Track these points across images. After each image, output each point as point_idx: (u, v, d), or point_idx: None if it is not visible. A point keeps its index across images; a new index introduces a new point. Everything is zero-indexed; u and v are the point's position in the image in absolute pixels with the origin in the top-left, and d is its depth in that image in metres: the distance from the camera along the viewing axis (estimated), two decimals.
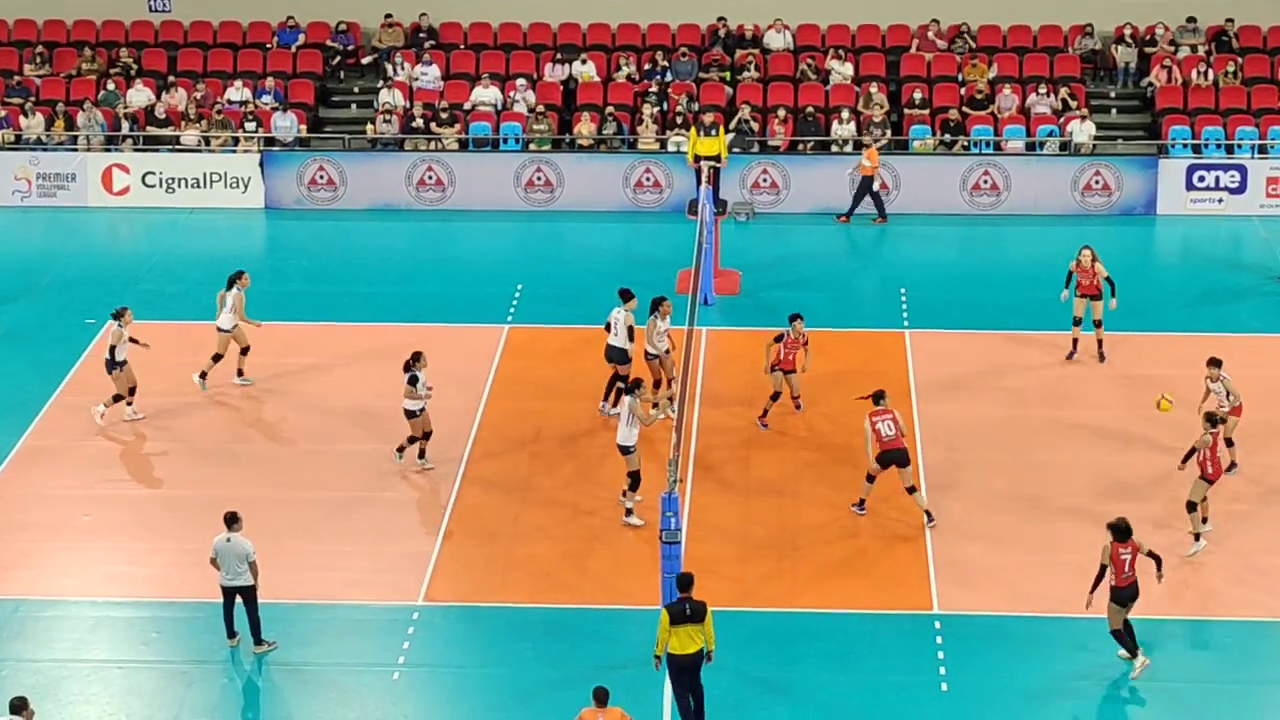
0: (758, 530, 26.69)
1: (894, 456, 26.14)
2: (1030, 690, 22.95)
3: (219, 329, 30.60)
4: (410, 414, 27.84)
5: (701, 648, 21.55)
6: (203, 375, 30.57)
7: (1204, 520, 25.91)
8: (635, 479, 26.57)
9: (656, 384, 29.25)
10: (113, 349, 29.57)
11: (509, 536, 26.61)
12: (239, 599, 23.61)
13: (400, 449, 28.22)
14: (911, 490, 26.40)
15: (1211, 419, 25.75)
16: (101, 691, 23.16)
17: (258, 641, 23.74)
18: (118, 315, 29.78)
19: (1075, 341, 31.78)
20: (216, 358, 30.62)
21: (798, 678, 23.27)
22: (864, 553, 26.12)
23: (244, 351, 30.80)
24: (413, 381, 27.55)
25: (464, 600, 25.09)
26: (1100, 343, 31.63)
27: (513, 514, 27.19)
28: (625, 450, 26.44)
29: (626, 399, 26.56)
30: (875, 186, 38.77)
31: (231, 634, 23.81)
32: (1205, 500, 25.93)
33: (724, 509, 27.21)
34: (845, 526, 26.68)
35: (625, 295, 29.56)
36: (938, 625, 24.37)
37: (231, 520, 23.51)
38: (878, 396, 26.70)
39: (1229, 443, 27.59)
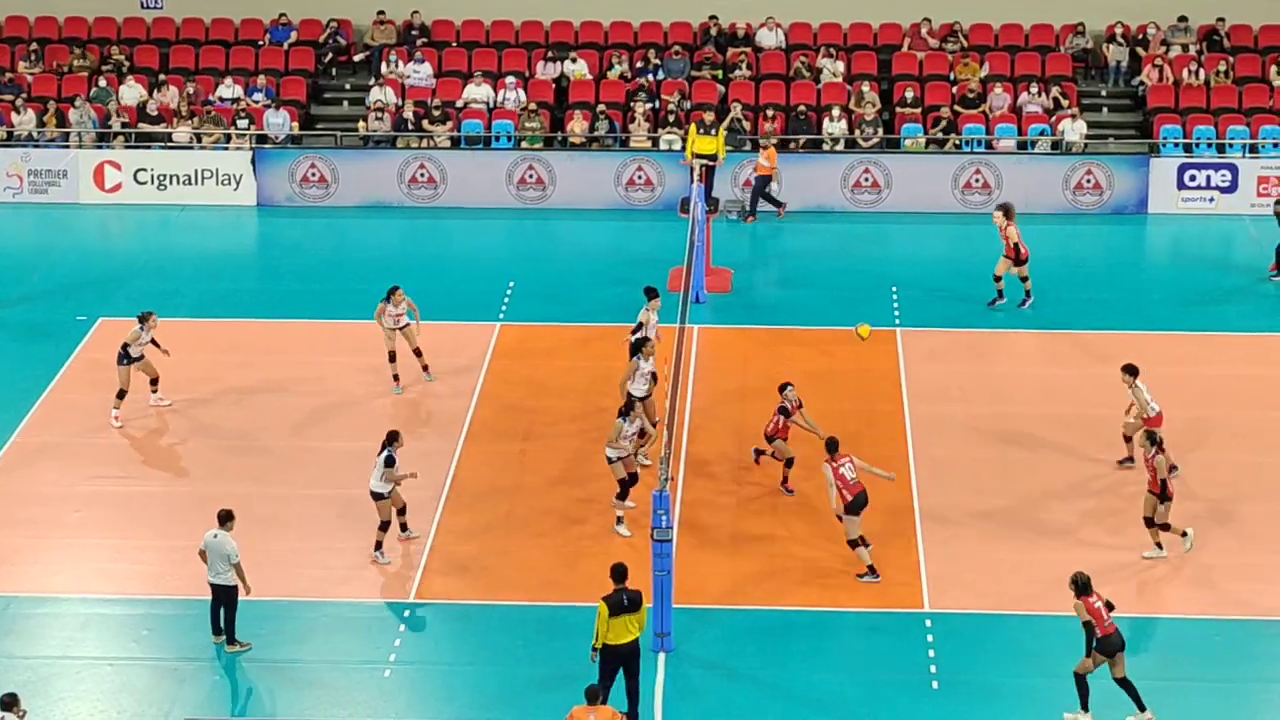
0: (749, 528, 26.70)
1: (863, 500, 25.12)
2: (1021, 689, 22.97)
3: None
4: (378, 496, 25.34)
5: (637, 638, 21.71)
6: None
7: (1183, 532, 25.69)
8: (622, 487, 26.45)
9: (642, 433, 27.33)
10: (126, 346, 29.49)
11: (500, 534, 26.62)
12: (222, 596, 23.64)
13: (378, 545, 25.63)
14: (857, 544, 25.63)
15: (1152, 437, 25.35)
16: (93, 688, 23.16)
17: (230, 641, 23.71)
18: (143, 319, 29.65)
19: (1000, 292, 33.29)
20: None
21: (788, 676, 23.27)
22: (854, 551, 26.09)
23: (153, 382, 30.17)
24: (389, 463, 25.28)
25: (455, 598, 25.09)
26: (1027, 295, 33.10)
27: (504, 512, 27.20)
28: (609, 461, 26.35)
29: (617, 420, 26.28)
30: (771, 187, 38.72)
31: (217, 631, 23.82)
32: (1157, 513, 25.61)
33: (715, 506, 27.22)
34: (836, 525, 26.66)
35: (650, 293, 29.48)
36: (928, 624, 24.39)
37: (225, 518, 23.51)
38: (832, 445, 25.28)
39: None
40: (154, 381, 29.96)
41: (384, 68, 42.65)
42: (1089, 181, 39.54)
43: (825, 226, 39.04)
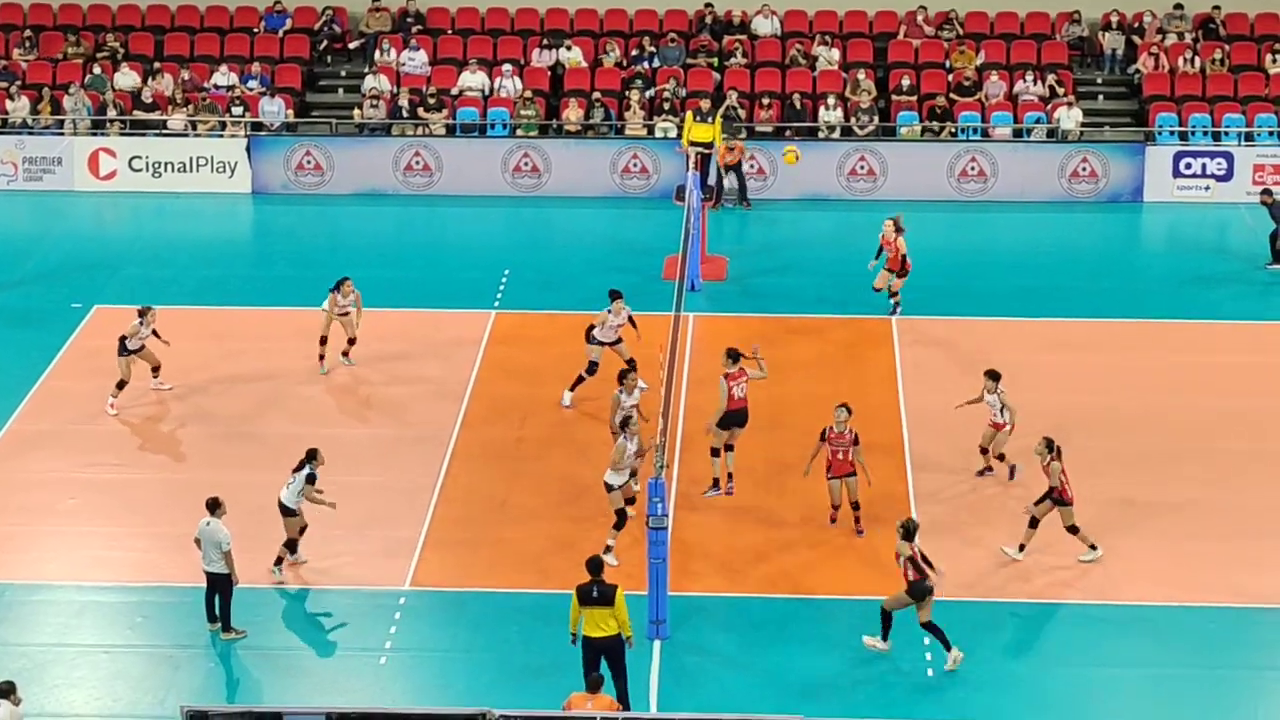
0: (745, 515, 26.69)
1: (740, 418, 26.76)
2: (1016, 673, 22.99)
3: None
4: (287, 512, 24.88)
5: (617, 633, 21.55)
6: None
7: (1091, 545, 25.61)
8: (620, 517, 25.54)
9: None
10: (124, 339, 29.46)
11: (496, 521, 26.62)
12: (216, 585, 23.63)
13: (279, 561, 25.12)
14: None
15: (1049, 444, 25.10)
16: (88, 675, 23.16)
17: (225, 629, 23.70)
18: (142, 313, 29.59)
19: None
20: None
21: (783, 662, 23.27)
22: (850, 538, 26.12)
23: (155, 370, 30.20)
24: (310, 479, 24.80)
25: (451, 585, 25.10)
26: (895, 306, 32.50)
27: (500, 499, 27.20)
28: (608, 488, 25.56)
29: (617, 439, 25.70)
30: (716, 176, 38.74)
31: (212, 619, 23.79)
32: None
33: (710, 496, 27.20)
34: (837, 515, 26.70)
35: (614, 295, 29.62)
36: None
37: (213, 506, 23.51)
38: (732, 355, 26.84)
39: (1000, 457, 27.53)
40: (155, 369, 29.94)
41: (379, 55, 42.60)
42: (1084, 169, 39.52)
43: (821, 214, 39.02)
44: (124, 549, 26.00)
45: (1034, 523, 25.30)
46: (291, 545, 25.24)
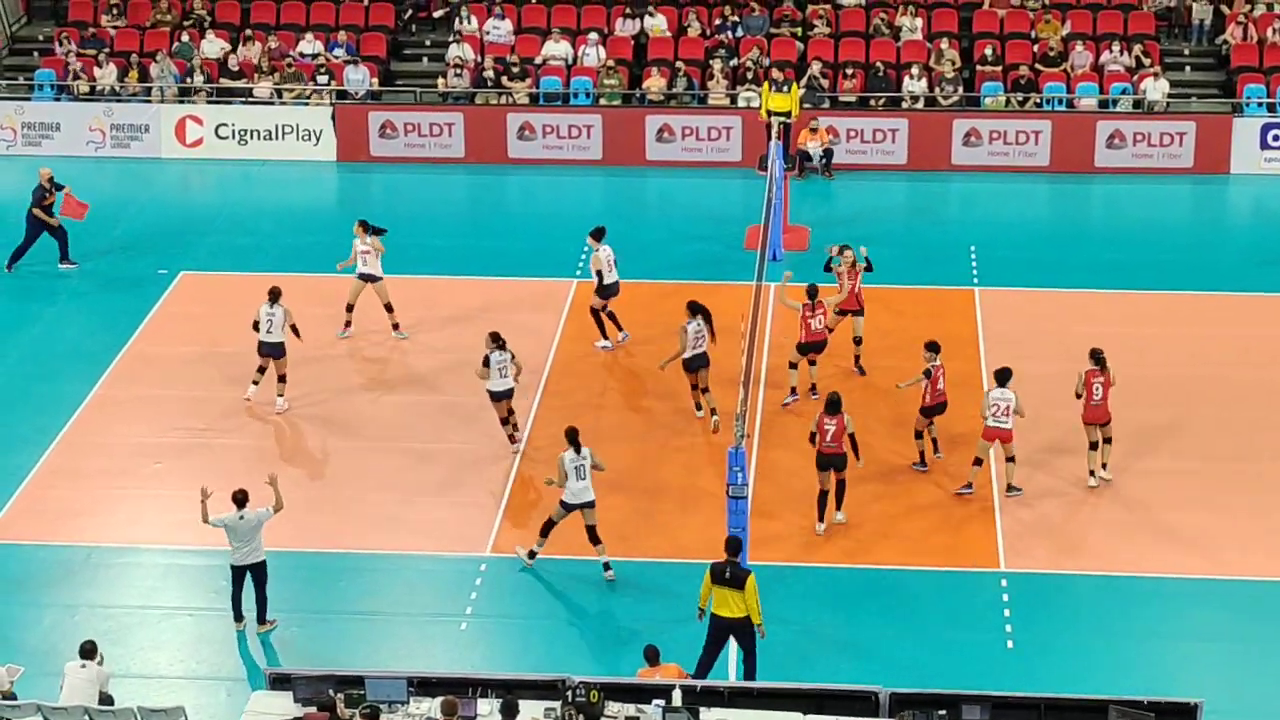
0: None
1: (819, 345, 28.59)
2: (1096, 648, 22.95)
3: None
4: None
5: (744, 616, 21.51)
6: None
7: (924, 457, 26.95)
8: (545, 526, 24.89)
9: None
10: (256, 323, 28.71)
11: None
12: (249, 577, 23.15)
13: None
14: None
15: (933, 346, 26.73)
16: (173, 638, 23.44)
17: (262, 620, 23.36)
18: (275, 297, 28.76)
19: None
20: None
21: (862, 634, 23.33)
22: (929, 509, 26.12)
23: (388, 308, 30.84)
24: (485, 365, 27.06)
25: None
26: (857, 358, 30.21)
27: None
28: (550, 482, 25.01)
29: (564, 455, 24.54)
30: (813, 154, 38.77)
31: (239, 616, 23.41)
32: (926, 433, 26.96)
33: (790, 464, 27.22)
34: (910, 483, 26.69)
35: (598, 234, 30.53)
36: (1003, 583, 24.38)
37: (241, 501, 22.81)
38: (812, 292, 28.52)
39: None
40: (262, 369, 29.07)
41: (463, 24, 42.67)
42: (1170, 141, 39.19)
43: (900, 184, 38.87)
44: None
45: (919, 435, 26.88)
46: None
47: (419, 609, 24.11)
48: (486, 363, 27.11)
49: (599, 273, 30.40)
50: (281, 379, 28.87)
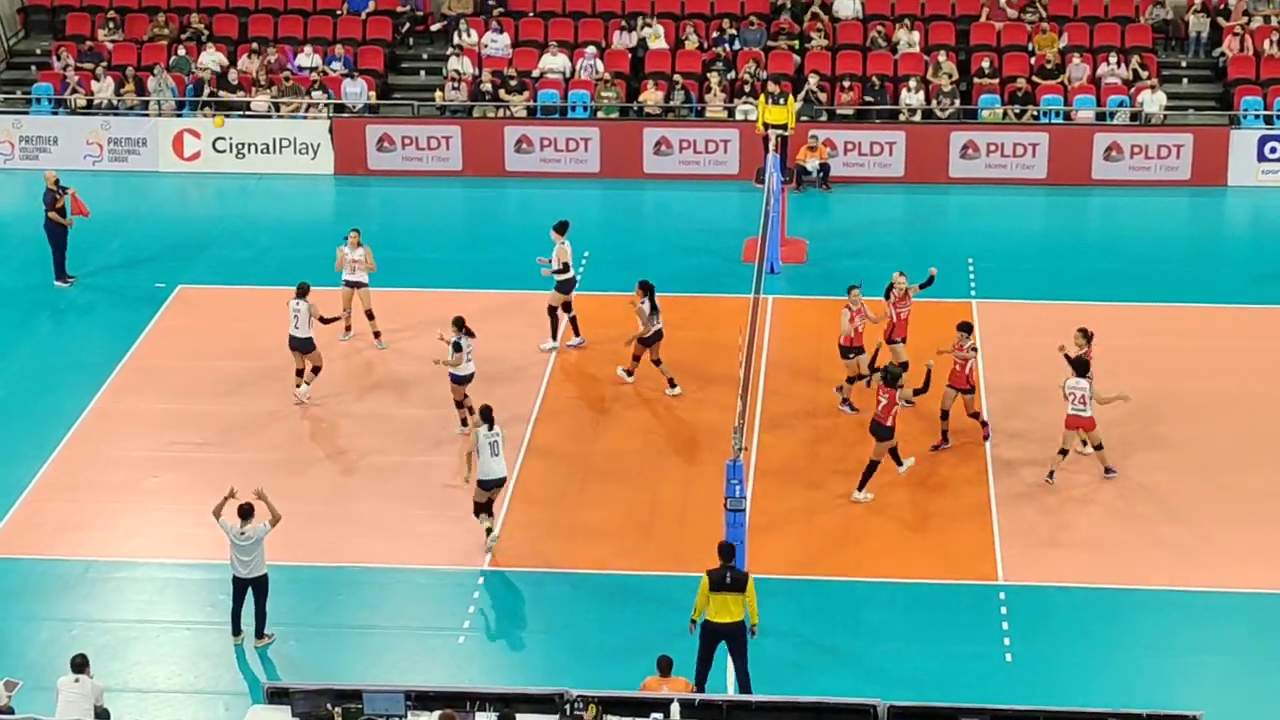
0: (822, 498, 26.71)
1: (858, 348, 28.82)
2: (1095, 661, 22.93)
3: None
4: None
5: (741, 620, 21.54)
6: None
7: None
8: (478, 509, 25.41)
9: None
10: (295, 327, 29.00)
11: (574, 502, 26.72)
12: (250, 591, 23.10)
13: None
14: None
15: (965, 327, 27.59)
16: (171, 652, 23.41)
17: (260, 634, 23.33)
18: (302, 292, 29.07)
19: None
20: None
21: (860, 647, 23.31)
22: (928, 522, 26.12)
23: (300, 373, 30.32)
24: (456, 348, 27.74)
25: (528, 566, 25.21)
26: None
27: (578, 479, 27.30)
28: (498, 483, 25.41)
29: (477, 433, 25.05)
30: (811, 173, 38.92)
31: (237, 630, 23.37)
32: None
33: (789, 477, 27.22)
34: (910, 495, 26.68)
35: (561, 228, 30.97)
36: (1002, 596, 24.36)
37: (246, 514, 22.77)
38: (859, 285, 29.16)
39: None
40: (299, 372, 29.39)
41: (461, 37, 42.72)
42: (1168, 153, 39.21)
43: (899, 197, 38.89)
44: (206, 527, 25.91)
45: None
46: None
47: (417, 622, 24.09)
48: (458, 348, 27.73)
49: (566, 264, 30.58)
50: (315, 370, 29.33)
